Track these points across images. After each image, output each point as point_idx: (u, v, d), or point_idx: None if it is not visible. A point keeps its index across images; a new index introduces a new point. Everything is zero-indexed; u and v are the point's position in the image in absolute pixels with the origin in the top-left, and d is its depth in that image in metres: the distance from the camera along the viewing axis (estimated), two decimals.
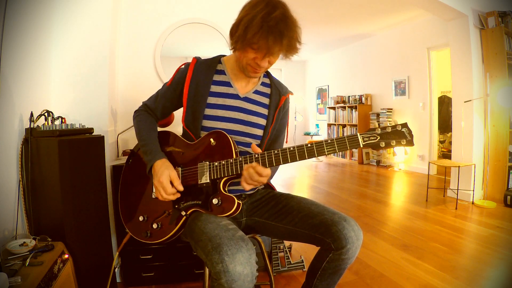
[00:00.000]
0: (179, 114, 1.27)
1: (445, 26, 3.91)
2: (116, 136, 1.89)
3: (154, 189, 1.08)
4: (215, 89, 1.14)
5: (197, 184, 1.05)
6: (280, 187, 4.18)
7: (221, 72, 1.17)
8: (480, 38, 3.39)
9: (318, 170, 5.60)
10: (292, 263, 1.94)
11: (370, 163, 6.07)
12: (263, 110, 1.19)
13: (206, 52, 2.09)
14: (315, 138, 7.65)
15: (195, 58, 1.17)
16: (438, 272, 1.85)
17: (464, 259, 2.03)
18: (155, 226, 1.09)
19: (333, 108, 7.15)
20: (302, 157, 0.94)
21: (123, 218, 1.19)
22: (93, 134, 1.50)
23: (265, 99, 1.20)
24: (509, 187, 3.28)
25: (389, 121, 5.67)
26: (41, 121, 1.35)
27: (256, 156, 0.97)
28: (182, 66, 1.18)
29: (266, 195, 1.21)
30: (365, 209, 3.16)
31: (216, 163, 1.03)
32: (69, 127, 1.36)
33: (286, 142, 1.26)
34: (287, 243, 2.15)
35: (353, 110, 6.45)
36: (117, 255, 1.43)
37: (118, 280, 1.74)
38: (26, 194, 1.26)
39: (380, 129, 0.91)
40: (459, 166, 3.25)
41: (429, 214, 2.96)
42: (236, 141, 1.10)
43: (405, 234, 2.47)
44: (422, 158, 5.10)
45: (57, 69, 1.62)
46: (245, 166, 0.96)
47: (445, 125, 5.70)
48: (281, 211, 1.12)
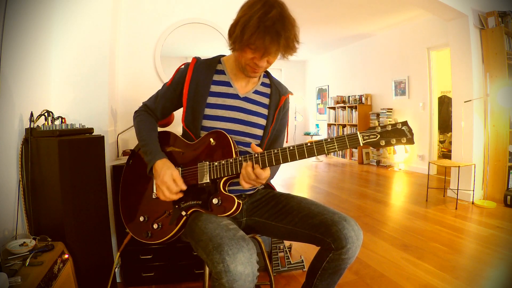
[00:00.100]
0: (179, 114, 1.26)
1: (445, 26, 3.91)
2: (116, 136, 1.89)
3: (156, 189, 1.09)
4: (215, 89, 1.14)
5: (197, 184, 1.05)
6: (280, 187, 4.18)
7: (221, 72, 1.17)
8: (480, 38, 3.39)
9: (318, 170, 5.60)
10: (292, 263, 1.94)
11: (370, 163, 6.07)
12: (263, 110, 1.19)
13: (206, 52, 2.09)
14: (315, 138, 7.64)
15: (195, 58, 1.17)
16: (438, 272, 1.85)
17: (464, 259, 2.03)
18: (155, 226, 1.09)
19: (333, 108, 7.16)
20: (302, 156, 0.94)
21: (124, 219, 1.19)
22: (93, 134, 1.50)
23: (265, 99, 1.20)
24: (509, 187, 3.28)
25: (389, 121, 5.67)
26: (41, 121, 1.35)
27: (256, 155, 0.97)
28: (182, 66, 1.18)
29: (266, 195, 1.21)
30: (365, 209, 3.16)
31: (216, 163, 1.03)
32: (69, 127, 1.36)
33: (287, 142, 1.26)
34: (287, 243, 2.15)
35: (353, 110, 6.45)
36: (118, 255, 1.43)
37: (118, 280, 1.74)
38: (26, 194, 1.26)
39: (380, 128, 0.90)
40: (459, 166, 3.25)
41: (429, 214, 2.96)
42: (236, 141, 1.10)
43: (405, 234, 2.47)
44: (422, 158, 5.10)
45: (57, 69, 1.62)
46: (244, 164, 0.97)
47: (445, 125, 5.70)
48: (281, 211, 1.12)
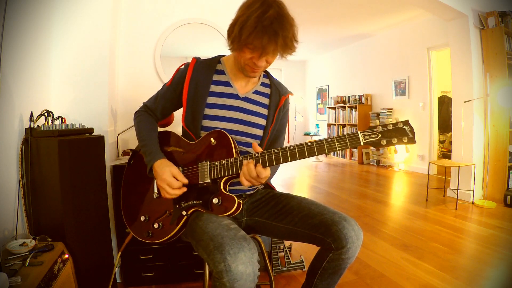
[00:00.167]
0: (179, 114, 1.26)
1: (445, 26, 3.91)
2: (116, 136, 1.89)
3: (158, 189, 1.09)
4: (214, 89, 1.14)
5: (197, 184, 1.05)
6: (280, 187, 4.18)
7: (221, 72, 1.17)
8: (480, 38, 3.39)
9: (318, 170, 5.60)
10: (292, 263, 1.94)
11: (370, 163, 6.07)
12: (263, 110, 1.19)
13: (206, 52, 2.09)
14: (315, 138, 7.63)
15: (194, 58, 1.17)
16: (438, 272, 1.85)
17: (464, 259, 2.03)
18: (156, 226, 1.09)
19: (333, 108, 7.16)
20: (302, 156, 0.93)
21: (125, 218, 1.19)
22: (93, 134, 1.50)
23: (265, 99, 1.20)
24: (509, 187, 3.28)
25: (390, 121, 5.67)
26: (41, 121, 1.35)
27: (257, 155, 0.97)
28: (182, 66, 1.18)
29: (266, 195, 1.21)
30: (365, 209, 3.16)
31: (216, 163, 1.03)
32: (69, 127, 1.36)
33: (288, 142, 1.26)
34: (287, 243, 2.15)
35: (353, 110, 6.45)
36: (119, 254, 1.43)
37: (118, 280, 1.74)
38: (26, 194, 1.26)
39: (381, 127, 0.89)
40: (459, 166, 3.25)
41: (429, 214, 2.96)
42: (236, 141, 1.10)
43: (405, 234, 2.47)
44: (422, 158, 5.10)
45: (57, 69, 1.62)
46: (245, 162, 0.96)
47: (445, 125, 5.70)
48: (281, 211, 1.12)
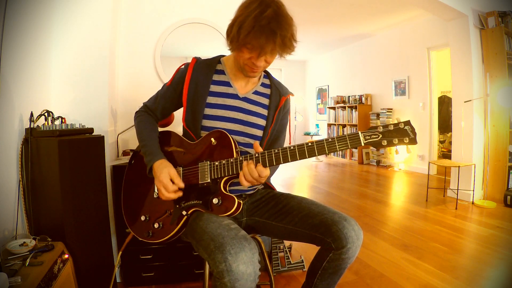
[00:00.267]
0: (179, 114, 1.26)
1: (445, 26, 3.91)
2: (116, 136, 1.89)
3: (157, 190, 1.09)
4: (214, 88, 1.14)
5: (198, 184, 1.05)
6: (280, 187, 4.18)
7: (221, 72, 1.17)
8: (480, 38, 3.39)
9: (318, 170, 5.60)
10: (292, 263, 1.94)
11: (370, 163, 6.07)
12: (262, 110, 1.18)
13: (206, 52, 2.09)
14: (315, 138, 7.64)
15: (194, 58, 1.17)
16: (438, 272, 1.85)
17: (464, 259, 2.03)
18: (156, 225, 1.09)
19: (333, 108, 7.16)
20: (302, 156, 0.93)
21: (126, 218, 1.20)
22: (93, 134, 1.50)
23: (265, 100, 1.20)
24: (509, 187, 3.28)
25: (390, 120, 5.66)
26: (41, 121, 1.35)
27: (257, 155, 0.97)
28: (182, 66, 1.18)
29: (266, 195, 1.21)
30: (365, 209, 3.16)
31: (216, 163, 1.03)
32: (69, 127, 1.36)
33: (290, 143, 1.26)
34: (287, 243, 2.15)
35: (353, 110, 6.45)
36: (120, 254, 1.43)
37: (118, 280, 1.74)
38: (26, 194, 1.26)
39: (382, 127, 0.89)
40: (459, 166, 3.25)
41: (429, 214, 2.96)
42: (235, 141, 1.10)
43: (405, 234, 2.47)
44: (422, 158, 5.10)
45: (57, 69, 1.62)
46: (245, 163, 0.96)
47: (445, 125, 5.70)
48: (281, 211, 1.12)
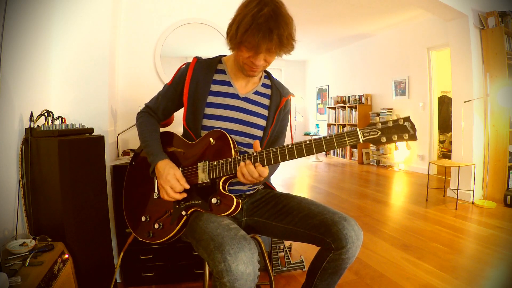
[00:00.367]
0: (179, 114, 1.26)
1: (445, 26, 3.91)
2: (116, 136, 1.89)
3: (159, 190, 1.09)
4: (215, 88, 1.14)
5: (197, 184, 1.05)
6: (280, 187, 4.18)
7: (222, 72, 1.17)
8: (480, 38, 3.39)
9: (318, 170, 5.60)
10: (292, 263, 1.94)
11: (370, 163, 6.07)
12: (263, 111, 1.18)
13: (206, 52, 2.09)
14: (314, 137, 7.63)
15: (195, 58, 1.17)
16: (438, 272, 1.85)
17: (464, 259, 2.03)
18: (156, 226, 1.09)
19: (333, 108, 7.16)
20: (300, 154, 0.92)
21: (127, 219, 1.20)
22: (93, 134, 1.50)
23: (265, 100, 1.20)
24: (509, 187, 3.28)
25: None
26: (41, 121, 1.35)
27: (255, 154, 0.97)
28: (183, 66, 1.18)
29: (266, 195, 1.21)
30: (365, 209, 3.16)
31: (215, 163, 1.03)
32: (69, 127, 1.36)
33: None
34: (287, 243, 2.15)
35: (353, 110, 6.45)
36: (122, 254, 1.43)
37: (118, 280, 1.74)
38: (26, 194, 1.26)
39: (381, 124, 0.88)
40: (459, 166, 3.25)
41: (429, 214, 2.96)
42: (235, 141, 1.10)
43: (405, 234, 2.47)
44: (422, 158, 5.10)
45: (57, 69, 1.62)
46: (242, 164, 0.96)
47: (445, 125, 5.70)
48: (281, 211, 1.12)
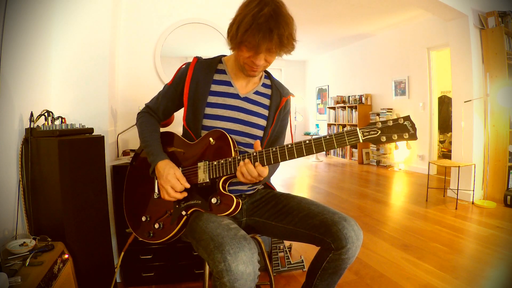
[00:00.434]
0: (179, 114, 1.26)
1: (445, 26, 3.91)
2: (116, 136, 1.89)
3: (159, 189, 1.09)
4: (215, 88, 1.14)
5: (197, 184, 1.05)
6: (280, 187, 4.18)
7: (222, 72, 1.17)
8: (480, 38, 3.39)
9: (318, 170, 5.60)
10: (292, 263, 1.94)
11: (370, 163, 6.07)
12: (263, 111, 1.19)
13: (206, 52, 2.09)
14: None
15: (196, 58, 1.17)
16: (438, 272, 1.85)
17: (464, 259, 2.03)
18: (157, 226, 1.09)
19: (333, 108, 7.16)
20: (300, 154, 0.93)
21: (128, 219, 1.20)
22: (93, 134, 1.50)
23: (265, 100, 1.20)
24: (509, 187, 3.28)
25: None
26: (41, 121, 1.35)
27: (255, 154, 0.97)
28: (183, 66, 1.18)
29: (266, 195, 1.21)
30: (365, 209, 3.16)
31: (215, 162, 1.03)
32: (69, 127, 1.36)
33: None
34: (287, 243, 2.15)
35: (353, 110, 6.45)
36: (122, 254, 1.43)
37: (118, 280, 1.74)
38: (26, 194, 1.26)
39: (380, 123, 0.88)
40: (459, 166, 3.25)
41: (429, 214, 2.96)
42: (235, 141, 1.10)
43: (405, 234, 2.47)
44: (422, 158, 5.10)
45: (57, 69, 1.62)
46: (241, 163, 0.96)
47: (445, 125, 5.70)
48: (281, 211, 1.12)
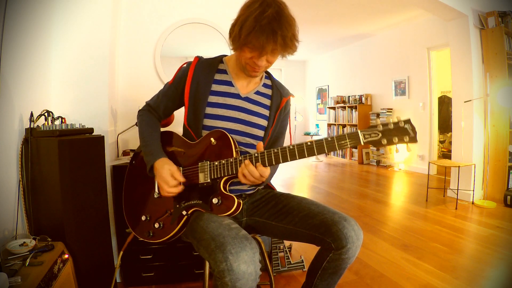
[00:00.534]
0: (179, 114, 1.27)
1: (445, 26, 3.91)
2: (116, 136, 1.89)
3: (159, 189, 1.09)
4: (216, 88, 1.14)
5: (198, 184, 1.05)
6: (280, 187, 4.18)
7: (223, 72, 1.17)
8: (480, 38, 3.39)
9: (318, 170, 5.60)
10: (292, 263, 1.94)
11: (370, 163, 6.07)
12: (264, 111, 1.19)
13: (206, 52, 2.09)
14: (315, 138, 7.65)
15: (197, 57, 1.17)
16: (438, 272, 1.85)
17: (464, 259, 2.03)
18: (157, 225, 1.09)
19: (333, 108, 7.16)
20: (302, 155, 0.93)
21: (127, 218, 1.20)
22: (93, 134, 1.50)
23: (266, 100, 1.20)
24: (509, 187, 3.28)
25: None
26: (41, 121, 1.35)
27: (256, 155, 0.97)
28: (184, 65, 1.18)
29: (266, 195, 1.21)
30: (365, 209, 3.16)
31: (216, 163, 1.03)
32: (69, 127, 1.36)
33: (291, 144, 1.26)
34: (287, 243, 2.15)
35: (353, 110, 6.45)
36: (121, 254, 1.43)
37: (118, 280, 1.74)
38: (26, 194, 1.26)
39: (381, 126, 0.88)
40: (459, 166, 3.25)
41: (429, 214, 2.96)
42: (236, 141, 1.10)
43: (405, 234, 2.47)
44: (422, 158, 5.10)
45: (57, 69, 1.62)
46: (243, 165, 0.96)
47: (445, 125, 5.70)
48: (281, 211, 1.12)
